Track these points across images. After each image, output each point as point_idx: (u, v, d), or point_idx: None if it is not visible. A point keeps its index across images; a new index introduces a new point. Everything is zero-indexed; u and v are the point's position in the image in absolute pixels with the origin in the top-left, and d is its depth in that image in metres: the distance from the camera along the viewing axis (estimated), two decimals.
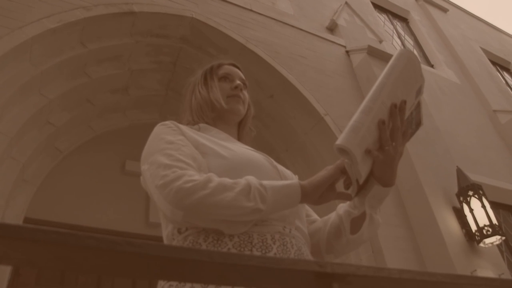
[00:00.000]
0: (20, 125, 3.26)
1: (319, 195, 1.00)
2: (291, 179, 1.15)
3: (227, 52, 4.13)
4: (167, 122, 1.15)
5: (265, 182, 0.96)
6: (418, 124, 1.14)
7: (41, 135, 3.60)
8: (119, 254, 0.36)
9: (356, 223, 1.13)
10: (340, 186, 1.07)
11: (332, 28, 5.66)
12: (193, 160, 1.01)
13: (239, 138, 1.32)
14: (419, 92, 1.08)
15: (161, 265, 0.37)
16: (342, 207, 1.17)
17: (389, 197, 1.15)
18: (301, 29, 5.09)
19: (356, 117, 0.97)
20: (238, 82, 1.31)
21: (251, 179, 0.96)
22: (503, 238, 3.70)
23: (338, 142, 0.95)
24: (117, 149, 4.03)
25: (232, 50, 4.16)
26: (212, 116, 1.26)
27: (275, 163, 1.17)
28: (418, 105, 1.11)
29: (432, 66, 7.08)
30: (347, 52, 5.30)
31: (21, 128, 3.27)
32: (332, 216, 1.20)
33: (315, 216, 1.27)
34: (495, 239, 3.63)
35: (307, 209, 1.25)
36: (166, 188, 0.91)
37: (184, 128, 1.13)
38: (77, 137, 3.96)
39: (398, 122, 1.00)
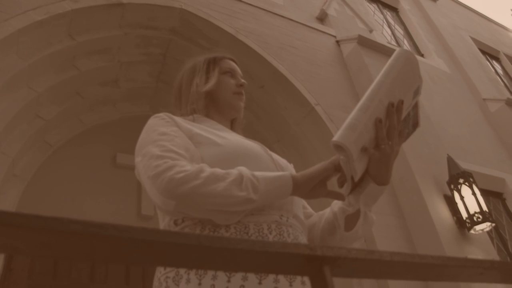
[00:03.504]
0: (9, 119, 3.22)
1: (310, 188, 0.99)
2: (286, 167, 1.16)
3: (217, 43, 4.11)
4: (160, 114, 1.14)
5: (257, 173, 0.96)
6: (415, 125, 1.15)
7: (31, 129, 3.56)
8: (105, 238, 0.35)
9: (351, 220, 1.14)
10: (333, 185, 1.06)
11: (322, 18, 5.64)
12: (185, 151, 1.00)
13: (232, 130, 1.32)
14: (416, 92, 1.09)
15: (148, 249, 0.37)
16: (337, 203, 1.17)
17: None
18: (291, 20, 5.07)
19: (353, 114, 0.98)
20: (243, 80, 1.31)
21: (243, 169, 0.95)
22: (493, 224, 3.74)
23: (335, 138, 0.95)
24: (108, 142, 4.00)
25: (222, 41, 4.14)
26: (210, 106, 1.25)
27: (270, 151, 1.17)
28: (416, 106, 1.12)
29: (422, 55, 7.10)
30: (337, 42, 5.30)
31: (9, 122, 3.23)
32: (327, 212, 1.20)
33: (310, 209, 1.28)
34: (486, 226, 3.67)
35: (303, 201, 1.25)
36: (158, 179, 0.91)
37: (178, 119, 1.13)
38: (67, 131, 3.92)
39: (395, 121, 1.00)
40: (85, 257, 0.38)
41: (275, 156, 1.17)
